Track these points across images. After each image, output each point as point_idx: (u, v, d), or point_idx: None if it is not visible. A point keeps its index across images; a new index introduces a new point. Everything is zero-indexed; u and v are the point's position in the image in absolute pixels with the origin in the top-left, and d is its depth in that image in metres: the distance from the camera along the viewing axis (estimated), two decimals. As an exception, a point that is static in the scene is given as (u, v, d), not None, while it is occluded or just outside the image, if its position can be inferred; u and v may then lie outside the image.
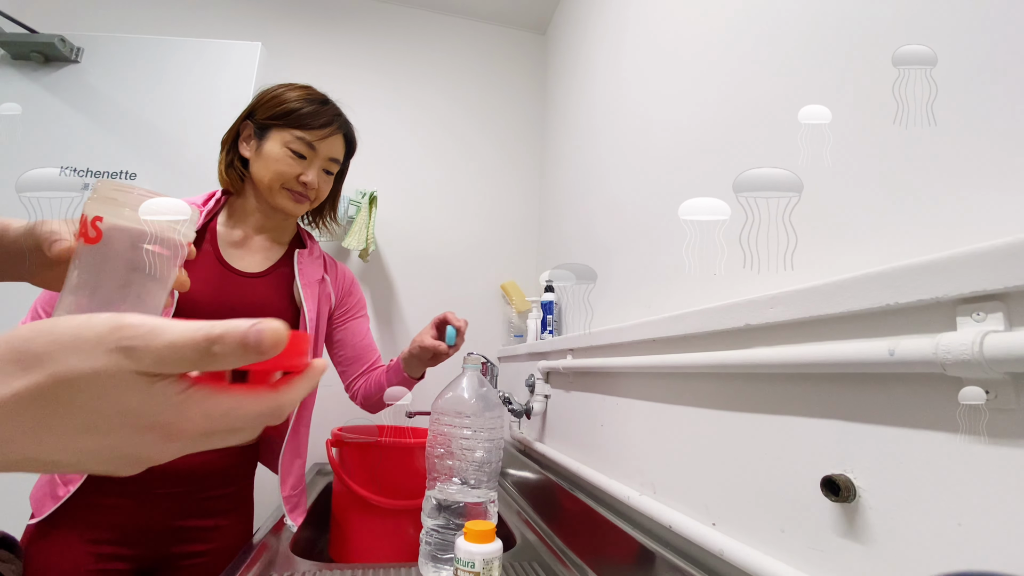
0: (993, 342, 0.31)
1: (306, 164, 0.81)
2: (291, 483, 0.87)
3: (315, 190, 0.83)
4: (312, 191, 0.83)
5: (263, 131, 0.81)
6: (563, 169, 1.60)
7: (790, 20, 0.63)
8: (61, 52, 1.29)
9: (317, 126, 0.80)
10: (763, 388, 0.54)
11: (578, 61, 1.54)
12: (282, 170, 0.79)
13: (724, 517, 0.58)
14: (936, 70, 0.44)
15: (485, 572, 0.60)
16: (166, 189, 1.07)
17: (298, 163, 0.80)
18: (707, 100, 0.80)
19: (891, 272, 0.39)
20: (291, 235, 0.92)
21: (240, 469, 0.87)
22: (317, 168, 0.82)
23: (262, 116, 0.81)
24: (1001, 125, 0.38)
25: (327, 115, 0.82)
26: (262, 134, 0.81)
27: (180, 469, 0.78)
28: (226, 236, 0.83)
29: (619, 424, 0.86)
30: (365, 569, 0.76)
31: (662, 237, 0.89)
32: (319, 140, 0.81)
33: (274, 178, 0.80)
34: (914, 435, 0.38)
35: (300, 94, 0.83)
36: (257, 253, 0.86)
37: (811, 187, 0.56)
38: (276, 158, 0.79)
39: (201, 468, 0.80)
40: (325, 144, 0.82)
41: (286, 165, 0.79)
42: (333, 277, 0.94)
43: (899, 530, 0.39)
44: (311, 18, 1.79)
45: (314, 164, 0.82)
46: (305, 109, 0.80)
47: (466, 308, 1.75)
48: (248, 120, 0.83)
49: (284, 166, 0.79)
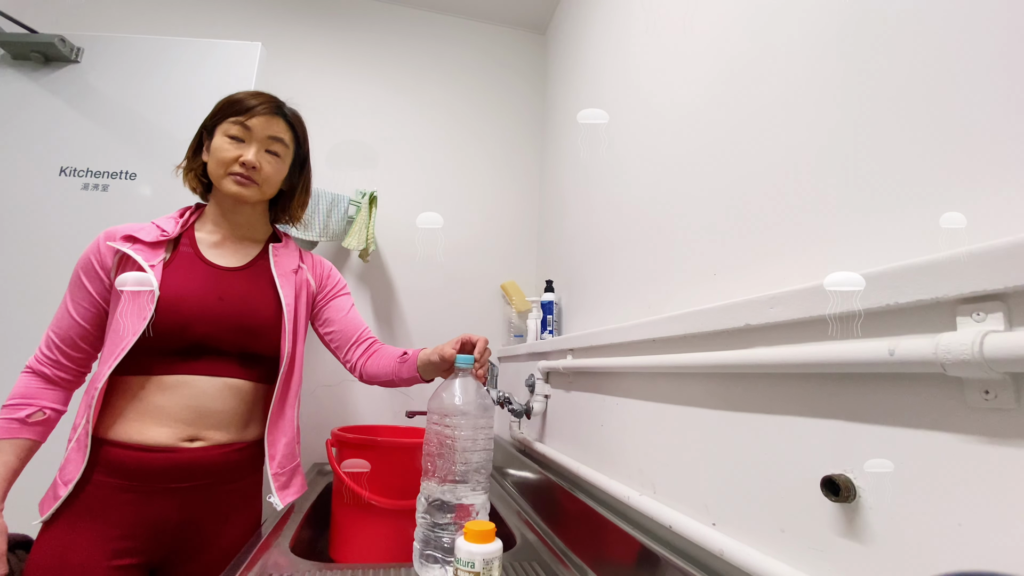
0: (993, 342, 0.31)
1: (244, 146, 0.85)
2: (278, 460, 0.87)
3: (259, 171, 0.86)
4: (256, 172, 0.86)
5: (211, 132, 0.87)
6: (563, 169, 1.60)
7: (793, 17, 0.63)
8: (61, 52, 1.29)
9: (248, 108, 0.85)
10: (763, 388, 0.54)
11: (578, 61, 1.54)
12: (222, 156, 0.84)
13: (724, 517, 0.58)
14: (936, 69, 0.44)
15: (485, 572, 0.61)
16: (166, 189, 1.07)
17: (236, 146, 0.85)
18: (712, 97, 0.80)
19: (891, 272, 0.39)
20: (267, 234, 0.97)
21: (248, 464, 0.87)
22: (256, 148, 0.86)
23: (210, 121, 0.88)
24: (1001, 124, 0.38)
25: (261, 99, 0.87)
26: (211, 135, 0.87)
27: (189, 463, 0.79)
28: (205, 240, 0.89)
29: (619, 424, 0.86)
30: (365, 569, 0.76)
31: (663, 237, 0.89)
32: (252, 119, 0.85)
33: (218, 165, 0.85)
34: (914, 435, 0.38)
35: (243, 94, 0.88)
36: (236, 251, 0.91)
37: (811, 187, 0.56)
38: (218, 147, 0.85)
39: (209, 463, 0.81)
40: (260, 124, 0.86)
41: (225, 151, 0.84)
42: (309, 265, 0.99)
43: (899, 530, 0.39)
44: (311, 18, 1.79)
45: (252, 144, 0.86)
46: (240, 97, 0.86)
47: (466, 308, 1.75)
48: (203, 129, 0.89)
49: (223, 152, 0.84)
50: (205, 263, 0.86)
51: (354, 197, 1.60)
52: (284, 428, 0.89)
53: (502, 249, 1.83)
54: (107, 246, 0.83)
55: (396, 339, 1.69)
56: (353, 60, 1.81)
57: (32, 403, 0.79)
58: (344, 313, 1.00)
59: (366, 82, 1.80)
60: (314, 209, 1.52)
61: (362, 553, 0.91)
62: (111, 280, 0.82)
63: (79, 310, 0.82)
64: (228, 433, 0.83)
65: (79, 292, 0.82)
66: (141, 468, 0.77)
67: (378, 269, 1.70)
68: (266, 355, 0.88)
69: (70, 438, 0.78)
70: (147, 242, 0.83)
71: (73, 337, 0.82)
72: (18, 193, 1.25)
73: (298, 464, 0.93)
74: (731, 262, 0.69)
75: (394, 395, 1.63)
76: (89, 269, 0.83)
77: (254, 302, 0.87)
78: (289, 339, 0.89)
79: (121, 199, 1.27)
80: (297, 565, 0.77)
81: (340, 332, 0.98)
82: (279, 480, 0.87)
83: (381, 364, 0.94)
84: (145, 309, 0.78)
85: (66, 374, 0.83)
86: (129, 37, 1.38)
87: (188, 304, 0.81)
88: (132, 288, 0.80)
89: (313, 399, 1.57)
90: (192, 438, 0.80)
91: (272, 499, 0.86)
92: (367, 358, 0.97)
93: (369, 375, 0.96)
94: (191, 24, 1.65)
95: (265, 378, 0.89)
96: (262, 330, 0.87)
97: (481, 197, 1.85)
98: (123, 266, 0.82)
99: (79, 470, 0.74)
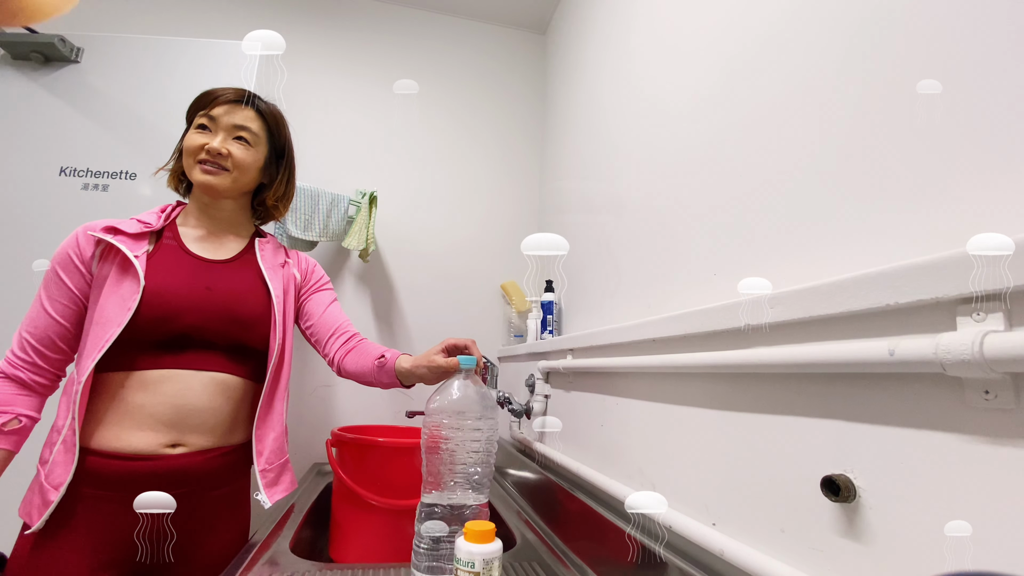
0: (993, 342, 0.31)
1: (210, 135, 0.86)
2: (266, 456, 0.85)
3: (227, 157, 0.85)
4: (223, 159, 0.85)
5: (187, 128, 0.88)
6: (563, 169, 1.60)
7: (794, 17, 0.63)
8: (61, 52, 1.29)
9: (213, 98, 0.86)
10: (763, 388, 0.54)
11: (578, 60, 1.54)
12: (189, 145, 0.85)
13: (724, 517, 0.58)
14: (937, 69, 0.44)
15: (485, 572, 0.60)
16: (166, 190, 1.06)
17: (203, 135, 0.85)
18: (712, 97, 0.80)
19: (891, 272, 0.39)
20: (250, 231, 0.97)
21: (234, 469, 0.85)
22: (222, 136, 0.85)
23: (186, 121, 0.89)
24: (1002, 124, 0.38)
25: (226, 89, 0.88)
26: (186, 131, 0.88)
27: (172, 471, 0.76)
28: (189, 234, 0.88)
29: (619, 424, 0.86)
30: (365, 569, 0.76)
31: (663, 237, 0.89)
32: (219, 110, 0.86)
33: (187, 155, 0.85)
34: (914, 435, 0.38)
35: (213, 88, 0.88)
36: (221, 245, 0.90)
37: (812, 186, 0.56)
38: (187, 139, 0.86)
39: (193, 469, 0.78)
40: (227, 114, 0.86)
41: (191, 140, 0.85)
42: (295, 261, 0.99)
43: (899, 530, 0.39)
44: (311, 18, 1.79)
45: (218, 133, 0.85)
46: (208, 90, 0.87)
47: (466, 308, 1.75)
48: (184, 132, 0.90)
49: (190, 141, 0.85)
50: (190, 255, 0.85)
51: (354, 197, 1.60)
52: (273, 423, 0.87)
53: (502, 249, 1.83)
54: (87, 236, 0.80)
55: (396, 339, 1.69)
56: (353, 60, 1.80)
57: (7, 410, 0.75)
58: (324, 307, 0.98)
59: (366, 82, 1.80)
60: (314, 209, 1.52)
61: (362, 553, 0.91)
62: (91, 273, 0.79)
63: (57, 307, 0.78)
64: (213, 437, 0.81)
65: (56, 288, 0.79)
66: (122, 478, 0.74)
67: (378, 269, 1.70)
68: (255, 349, 0.86)
69: (50, 440, 0.75)
70: (129, 233, 0.81)
71: (51, 336, 0.78)
72: (18, 193, 1.24)
73: (286, 461, 0.90)
74: (731, 262, 0.69)
75: (394, 395, 1.63)
76: (67, 263, 0.79)
77: (243, 293, 0.86)
78: (279, 331, 0.87)
79: (121, 199, 1.27)
80: (297, 565, 0.76)
81: (319, 325, 0.97)
82: (267, 477, 0.84)
83: (359, 363, 0.92)
84: (129, 299, 0.75)
85: (42, 378, 0.79)
86: (129, 37, 1.38)
87: (175, 294, 0.79)
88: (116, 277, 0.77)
89: (313, 399, 1.57)
90: (175, 443, 0.77)
91: (260, 496, 0.83)
92: (345, 352, 0.94)
93: (347, 371, 0.94)
94: (191, 24, 1.65)
95: (253, 375, 0.87)
96: (252, 322, 0.85)
97: (481, 197, 1.85)
98: (105, 257, 0.79)
99: (68, 474, 0.71)
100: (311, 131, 1.69)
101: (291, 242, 1.50)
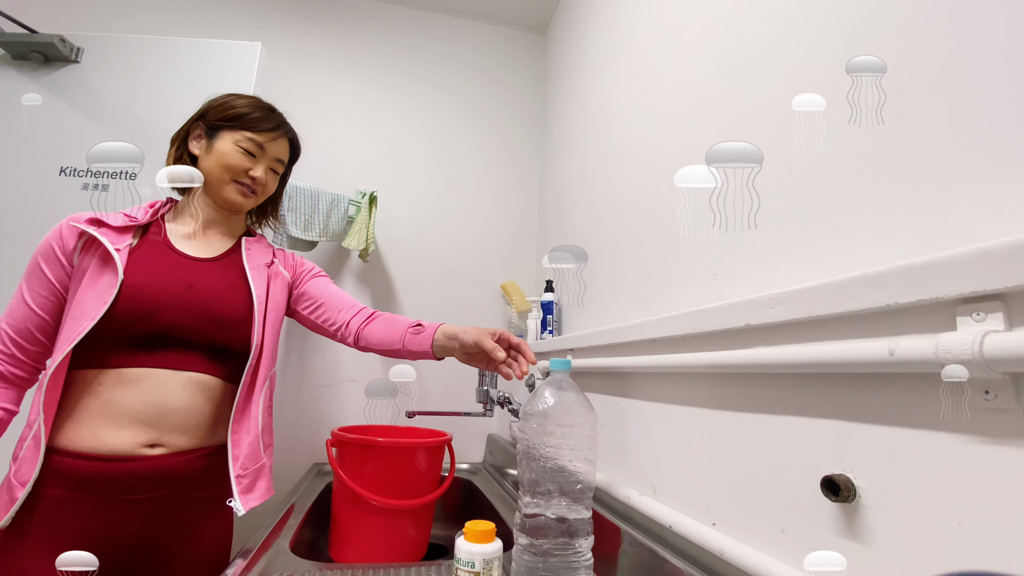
0: (993, 342, 0.31)
1: (255, 161, 0.88)
2: (241, 461, 0.81)
3: (263, 186, 0.90)
4: (260, 186, 0.90)
5: (214, 131, 0.87)
6: (563, 168, 1.60)
7: (794, 16, 0.63)
8: (61, 52, 1.29)
9: (265, 128, 0.89)
10: (763, 388, 0.54)
11: (578, 60, 1.54)
12: (233, 164, 0.86)
13: (724, 517, 0.58)
14: (937, 68, 0.44)
15: (485, 572, 0.61)
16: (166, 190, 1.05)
17: (248, 159, 0.87)
18: (712, 97, 0.80)
19: (891, 272, 0.39)
20: (241, 231, 0.96)
21: (216, 470, 0.81)
22: (265, 166, 0.90)
23: (213, 118, 0.87)
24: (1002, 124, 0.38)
25: (274, 120, 0.91)
26: (213, 134, 0.87)
27: (150, 472, 0.74)
28: (176, 231, 0.87)
29: (619, 424, 0.86)
30: (365, 569, 0.76)
31: (664, 236, 0.89)
32: (268, 141, 0.89)
33: (225, 171, 0.86)
34: (914, 435, 0.38)
35: (248, 101, 0.90)
36: (208, 244, 0.90)
37: (812, 186, 0.56)
38: (227, 153, 0.86)
39: (173, 470, 0.76)
40: (273, 145, 0.90)
41: (236, 160, 0.86)
42: (282, 260, 0.99)
43: (899, 530, 0.39)
44: (311, 18, 1.79)
45: (262, 162, 0.89)
46: (255, 114, 0.88)
47: (466, 308, 1.75)
48: (199, 121, 0.89)
49: (235, 161, 0.86)
50: (174, 252, 0.84)
51: (354, 197, 1.60)
52: (248, 427, 0.83)
53: (502, 249, 1.83)
54: (70, 228, 0.79)
55: (396, 339, 1.68)
56: (353, 60, 1.80)
57: None
58: (325, 287, 0.99)
59: (366, 82, 1.80)
60: (314, 209, 1.52)
61: (362, 553, 0.91)
62: (72, 265, 0.78)
63: (37, 299, 0.78)
64: (194, 437, 0.79)
65: (37, 280, 0.78)
66: (97, 479, 0.71)
67: (378, 269, 1.70)
68: (235, 349, 0.84)
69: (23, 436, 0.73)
70: (114, 227, 0.80)
71: (30, 328, 0.77)
72: (18, 193, 1.24)
73: (263, 466, 0.85)
74: (731, 262, 0.69)
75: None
76: (49, 254, 0.78)
77: (225, 293, 0.85)
78: (259, 331, 0.85)
79: (121, 199, 1.27)
80: (297, 565, 0.76)
81: (329, 302, 0.96)
82: (241, 483, 0.80)
83: (388, 330, 0.91)
84: (107, 293, 0.74)
85: (21, 371, 0.78)
86: (129, 37, 1.38)
87: (155, 290, 0.78)
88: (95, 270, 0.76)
89: (313, 399, 1.57)
90: (154, 443, 0.75)
91: (233, 503, 0.78)
92: (367, 323, 0.94)
93: (368, 340, 0.92)
94: (191, 24, 1.65)
95: (233, 377, 0.84)
96: (233, 322, 0.83)
97: (481, 197, 1.85)
98: (87, 249, 0.78)
99: (33, 471, 0.69)
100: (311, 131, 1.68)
101: (291, 242, 1.49)
